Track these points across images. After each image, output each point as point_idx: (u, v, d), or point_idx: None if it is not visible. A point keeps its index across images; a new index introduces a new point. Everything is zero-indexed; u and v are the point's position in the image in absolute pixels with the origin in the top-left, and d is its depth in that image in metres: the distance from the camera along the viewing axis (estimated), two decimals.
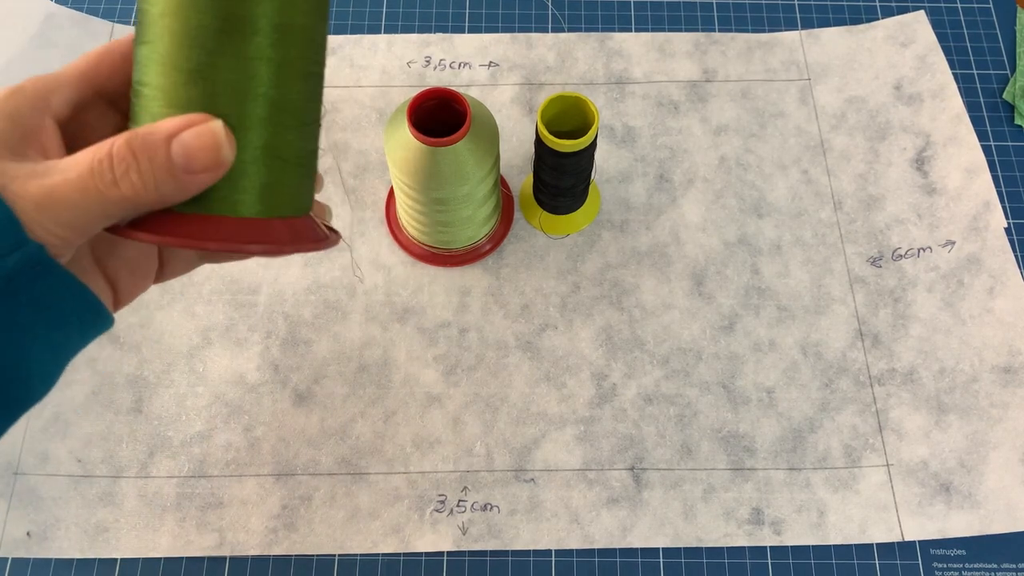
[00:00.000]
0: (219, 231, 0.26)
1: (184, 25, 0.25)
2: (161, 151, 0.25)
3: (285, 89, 0.26)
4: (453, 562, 0.44)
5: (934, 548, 0.44)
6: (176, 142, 0.25)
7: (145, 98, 0.26)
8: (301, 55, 0.27)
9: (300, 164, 0.28)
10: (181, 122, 0.25)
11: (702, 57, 0.56)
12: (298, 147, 0.28)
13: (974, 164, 0.51)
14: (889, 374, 0.47)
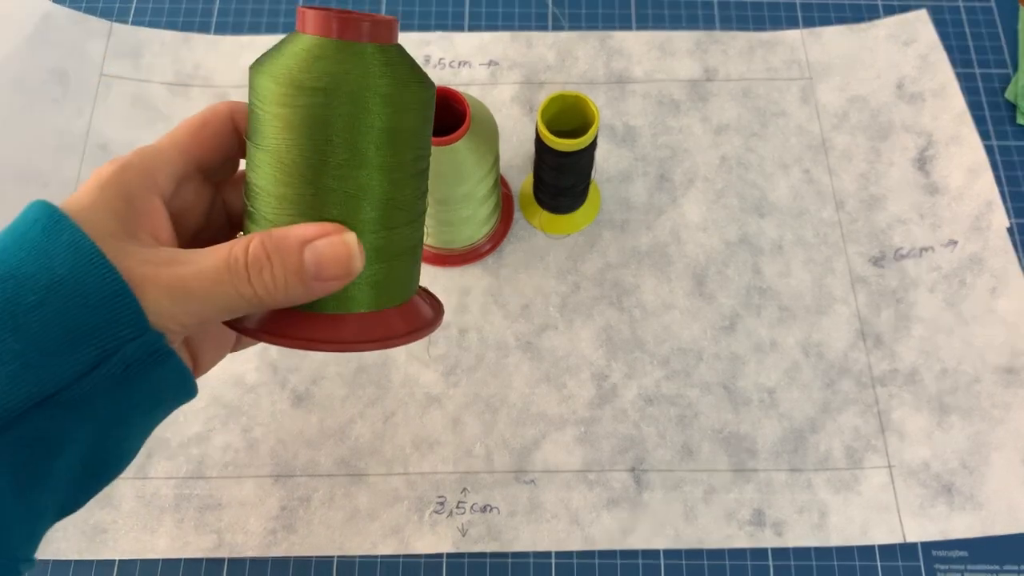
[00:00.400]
0: (333, 331, 0.27)
1: (298, 140, 0.25)
2: (294, 256, 0.25)
3: (397, 190, 0.27)
4: (452, 564, 0.43)
5: (936, 549, 0.44)
6: (309, 249, 0.25)
7: (261, 199, 0.26)
8: (412, 157, 0.27)
9: (409, 255, 0.29)
10: (316, 230, 0.25)
11: (703, 56, 0.56)
12: (408, 241, 0.28)
13: (976, 164, 0.51)
14: (891, 375, 0.47)
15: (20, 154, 0.51)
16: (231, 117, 0.30)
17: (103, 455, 0.26)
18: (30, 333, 0.23)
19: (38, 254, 0.24)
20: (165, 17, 0.58)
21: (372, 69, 0.25)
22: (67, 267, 0.24)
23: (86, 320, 0.24)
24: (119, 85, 0.55)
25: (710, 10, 0.58)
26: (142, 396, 0.26)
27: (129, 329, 0.24)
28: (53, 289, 0.24)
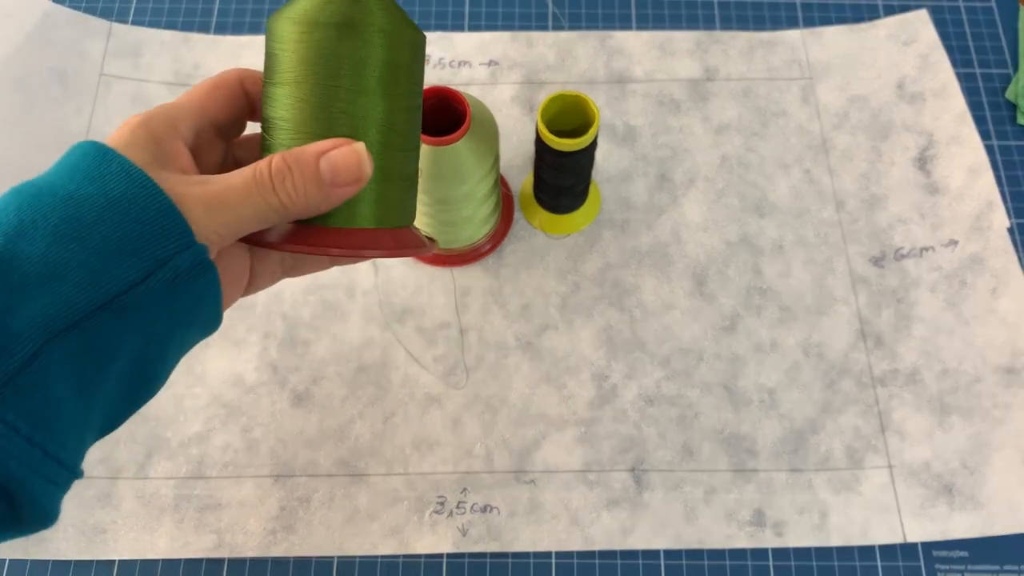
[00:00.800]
0: (341, 239, 0.31)
1: (313, 71, 0.30)
2: (312, 165, 0.29)
3: (394, 118, 0.31)
4: (452, 564, 0.43)
5: (936, 550, 0.44)
6: (324, 159, 0.29)
7: (279, 129, 0.31)
8: (406, 91, 0.32)
9: (406, 182, 0.33)
10: (329, 143, 0.29)
11: (703, 56, 0.56)
12: (405, 168, 0.33)
13: (977, 163, 0.51)
14: (891, 375, 0.47)
15: (20, 153, 0.51)
16: (240, 81, 0.33)
17: (144, 370, 0.28)
18: (92, 245, 0.26)
19: (93, 179, 0.27)
20: (165, 17, 0.58)
21: (374, 10, 0.30)
22: (120, 189, 0.27)
23: (140, 234, 0.26)
24: (119, 84, 0.55)
25: (710, 10, 0.58)
26: (183, 310, 0.28)
27: (178, 241, 0.27)
28: (109, 208, 0.26)
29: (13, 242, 0.25)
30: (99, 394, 0.27)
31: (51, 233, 0.26)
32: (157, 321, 0.27)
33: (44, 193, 0.26)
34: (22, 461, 0.25)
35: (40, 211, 0.26)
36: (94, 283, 0.26)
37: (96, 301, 0.26)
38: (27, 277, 0.25)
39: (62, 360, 0.25)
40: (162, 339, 0.28)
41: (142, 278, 0.26)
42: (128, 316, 0.26)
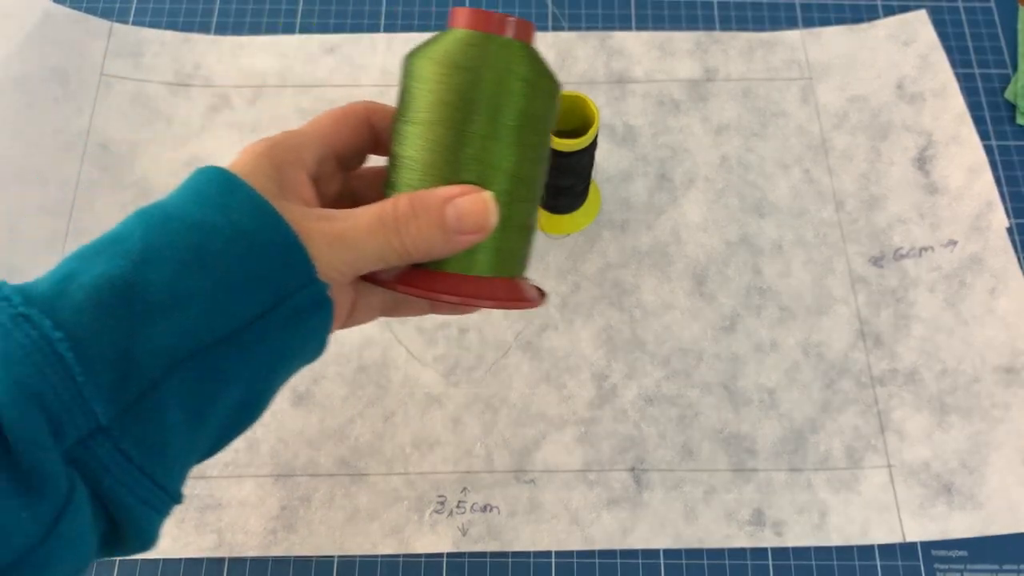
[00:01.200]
0: (455, 286, 0.30)
1: (449, 113, 0.29)
2: (438, 210, 0.28)
3: (523, 169, 0.31)
4: (453, 563, 0.43)
5: (936, 549, 0.44)
6: (451, 205, 0.28)
7: (407, 168, 0.30)
8: (538, 141, 0.31)
9: (525, 232, 0.32)
10: (456, 189, 0.29)
11: (703, 56, 0.56)
12: (526, 219, 0.32)
13: (976, 163, 0.51)
14: (891, 374, 0.47)
15: (20, 153, 0.51)
16: (367, 114, 0.33)
17: (251, 400, 0.28)
18: (216, 276, 0.25)
19: (219, 208, 0.27)
20: (165, 17, 0.58)
21: (515, 57, 0.30)
22: (246, 220, 0.26)
23: (264, 268, 0.26)
24: (119, 85, 0.55)
25: (710, 10, 0.58)
26: (296, 344, 0.28)
27: (300, 277, 0.27)
28: (235, 239, 0.26)
29: (139, 268, 0.25)
30: (207, 424, 0.27)
31: (176, 261, 0.25)
32: (271, 354, 0.27)
33: (171, 219, 0.26)
34: (131, 490, 0.25)
35: (166, 237, 0.26)
36: (217, 315, 0.25)
37: (217, 334, 0.25)
38: (151, 305, 0.24)
39: (178, 390, 0.25)
40: (272, 370, 0.28)
41: (263, 312, 0.26)
42: (245, 350, 0.26)
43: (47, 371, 0.23)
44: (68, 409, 0.23)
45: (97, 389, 0.23)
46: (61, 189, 0.51)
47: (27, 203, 0.50)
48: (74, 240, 0.50)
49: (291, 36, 0.57)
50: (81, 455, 0.23)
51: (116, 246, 0.26)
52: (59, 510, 0.23)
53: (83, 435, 0.23)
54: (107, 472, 0.24)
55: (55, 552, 0.23)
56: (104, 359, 0.24)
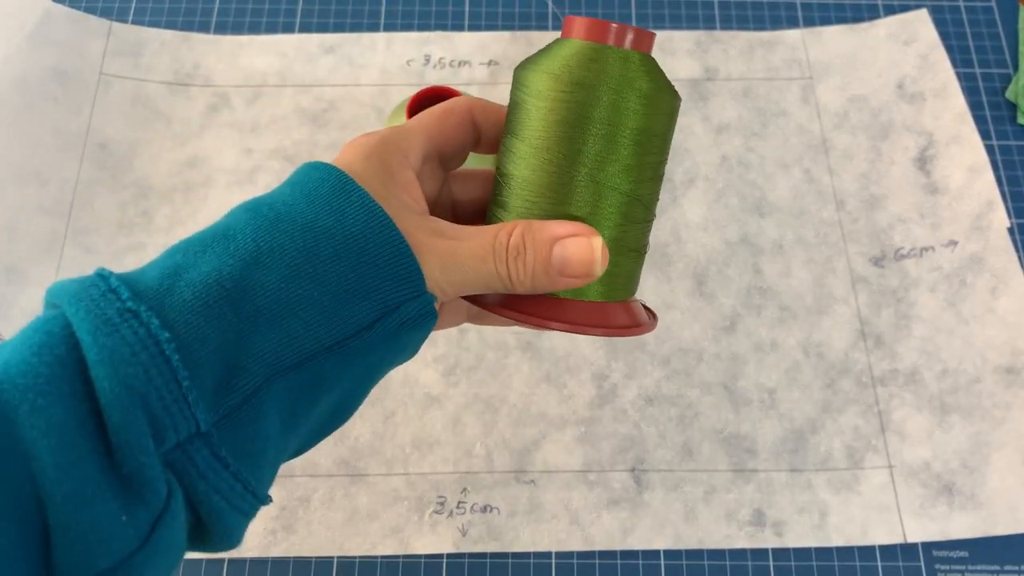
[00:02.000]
0: (562, 313, 0.29)
1: (564, 131, 0.28)
2: (546, 251, 0.28)
3: (639, 188, 0.29)
4: (452, 564, 0.43)
5: (936, 550, 0.44)
6: (559, 246, 0.28)
7: (516, 187, 0.29)
8: (656, 160, 0.30)
9: (638, 254, 0.31)
10: (569, 229, 0.28)
11: (703, 55, 0.56)
12: (640, 240, 0.31)
13: (977, 163, 0.51)
14: (891, 375, 0.47)
15: (19, 153, 0.51)
16: (470, 111, 0.32)
17: (344, 405, 0.28)
18: (326, 284, 0.25)
19: (332, 211, 0.26)
20: (165, 16, 0.58)
21: (634, 71, 0.28)
22: (359, 226, 0.26)
23: (375, 277, 0.26)
24: (119, 84, 0.55)
25: (710, 10, 0.58)
26: (396, 351, 0.28)
27: (409, 289, 0.26)
28: (347, 245, 0.25)
29: (249, 270, 0.24)
30: (301, 429, 0.27)
31: (287, 266, 0.25)
32: (371, 363, 0.27)
33: (282, 219, 0.26)
34: (223, 495, 0.24)
35: (278, 239, 0.25)
36: (325, 325, 0.25)
37: (324, 343, 0.25)
38: (260, 310, 0.24)
39: (279, 397, 0.25)
40: (369, 377, 0.28)
41: (370, 323, 0.26)
42: (349, 358, 0.26)
43: (153, 373, 0.22)
44: (171, 413, 0.22)
45: (201, 394, 0.23)
46: (60, 188, 0.51)
47: (26, 202, 0.50)
48: (73, 240, 0.50)
49: (291, 36, 0.57)
50: (178, 460, 0.23)
51: (225, 243, 0.25)
52: (157, 516, 0.22)
53: (182, 440, 0.23)
54: (202, 478, 0.23)
55: (151, 558, 0.22)
56: (209, 364, 0.23)
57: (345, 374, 0.26)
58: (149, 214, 0.51)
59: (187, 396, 0.22)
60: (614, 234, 0.29)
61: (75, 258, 0.49)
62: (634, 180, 0.29)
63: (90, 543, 0.21)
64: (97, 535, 0.21)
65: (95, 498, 0.21)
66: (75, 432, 0.21)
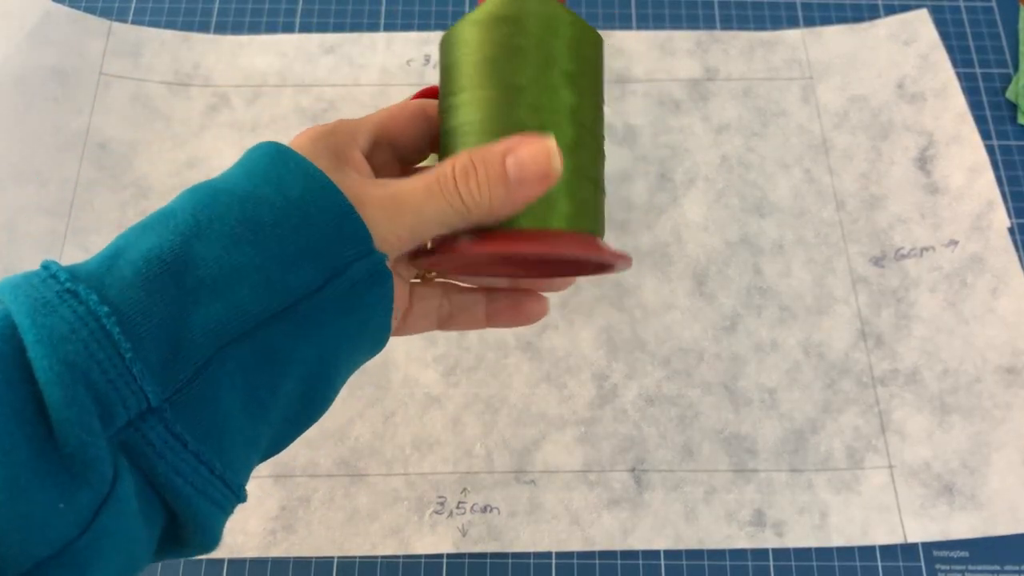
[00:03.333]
0: (536, 240, 0.28)
1: (498, 68, 0.28)
2: (497, 164, 0.27)
3: (583, 114, 0.29)
4: (452, 564, 0.43)
5: (937, 550, 0.44)
6: (511, 156, 0.27)
7: (462, 134, 0.29)
8: (592, 87, 0.30)
9: (596, 187, 0.30)
10: (515, 140, 0.27)
11: (704, 55, 0.56)
12: (594, 171, 0.30)
13: (977, 163, 0.51)
14: (892, 375, 0.47)
15: (19, 153, 0.51)
16: (423, 107, 0.32)
17: (314, 389, 0.27)
18: (269, 250, 0.24)
19: (270, 179, 0.26)
20: (165, 16, 0.58)
21: (554, 6, 0.29)
22: (299, 190, 0.25)
23: (318, 238, 0.25)
24: (118, 84, 0.55)
25: (710, 9, 0.58)
26: (356, 322, 0.27)
27: (356, 248, 0.26)
28: (287, 210, 0.25)
29: (189, 243, 0.24)
30: (268, 412, 0.26)
31: (227, 235, 0.24)
32: (330, 333, 0.26)
33: (221, 192, 0.25)
34: (188, 479, 0.23)
35: (217, 211, 0.25)
36: (270, 290, 0.24)
37: (271, 308, 0.24)
38: (202, 281, 0.24)
39: (233, 372, 0.24)
40: (333, 354, 0.27)
41: (319, 286, 0.25)
42: (302, 327, 0.25)
43: (94, 348, 0.21)
44: (116, 388, 0.21)
45: (147, 367, 0.22)
46: (60, 188, 0.51)
47: (26, 202, 0.50)
48: (73, 240, 0.50)
49: (290, 36, 0.57)
50: (131, 438, 0.22)
51: (166, 221, 0.25)
52: (101, 500, 0.21)
53: (133, 417, 0.22)
54: (160, 458, 0.22)
55: (96, 546, 0.21)
56: (153, 336, 0.22)
57: (301, 345, 0.25)
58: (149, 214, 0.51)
59: (131, 368, 0.22)
60: (572, 163, 0.29)
61: (75, 258, 0.49)
62: (576, 104, 0.29)
63: (26, 530, 0.20)
64: (32, 521, 0.20)
65: (30, 484, 0.20)
66: (9, 418, 0.20)
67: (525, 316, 0.35)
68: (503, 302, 0.35)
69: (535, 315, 0.35)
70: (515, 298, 0.35)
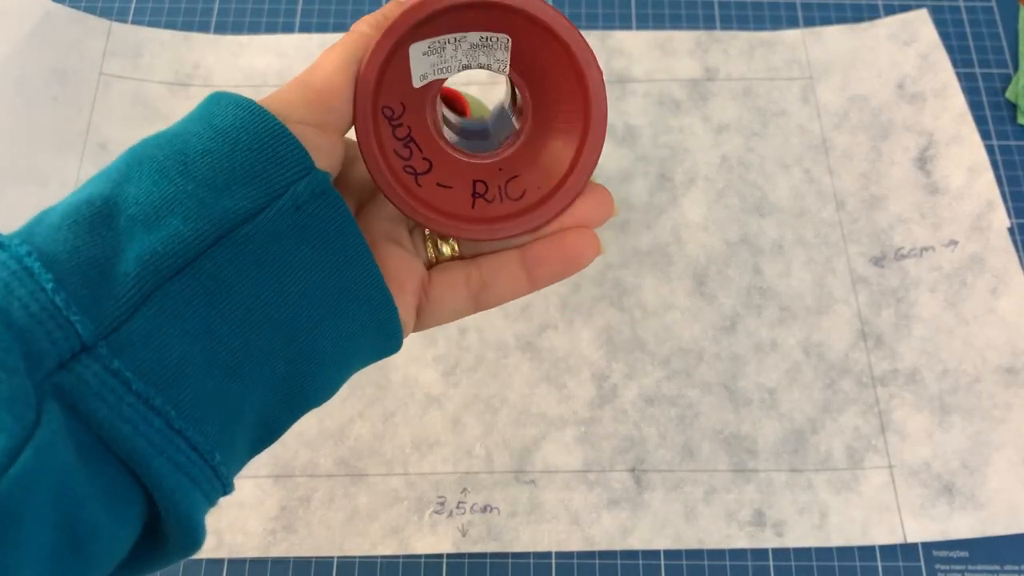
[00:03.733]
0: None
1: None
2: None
3: None
4: (452, 564, 0.43)
5: (937, 550, 0.44)
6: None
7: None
8: None
9: None
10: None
11: (704, 55, 0.56)
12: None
13: (977, 163, 0.51)
14: (892, 375, 0.47)
15: (19, 153, 0.51)
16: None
17: (297, 352, 0.25)
18: (200, 177, 0.23)
19: (202, 117, 0.25)
20: (165, 16, 0.58)
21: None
22: (228, 120, 0.24)
23: (252, 162, 0.24)
24: (118, 84, 0.55)
25: (710, 10, 0.58)
26: (317, 253, 0.25)
27: (295, 169, 0.24)
28: (217, 138, 0.24)
29: (120, 187, 0.23)
30: (239, 367, 0.23)
31: (156, 171, 0.23)
32: (286, 264, 0.24)
33: (151, 139, 0.24)
34: (139, 429, 0.21)
35: (146, 153, 0.24)
36: (204, 215, 0.23)
37: (208, 234, 0.23)
38: (133, 219, 0.22)
39: (180, 309, 0.22)
40: (301, 295, 0.24)
41: (259, 208, 0.24)
42: (248, 251, 0.23)
43: (14, 285, 0.20)
44: (40, 322, 0.20)
45: (74, 300, 0.20)
46: (60, 189, 0.51)
47: (26, 202, 0.50)
48: None
49: (291, 35, 0.57)
50: (66, 381, 0.20)
51: (98, 176, 0.24)
52: (17, 446, 0.18)
53: (66, 358, 0.20)
54: (100, 400, 0.20)
55: (12, 497, 0.18)
56: (83, 272, 0.21)
57: (253, 275, 0.23)
58: None
59: (55, 300, 0.20)
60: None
61: None
62: None
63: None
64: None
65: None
66: None
67: (574, 254, 0.29)
68: (541, 247, 0.29)
69: (584, 251, 0.29)
70: (555, 238, 0.29)
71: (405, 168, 0.28)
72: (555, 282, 0.30)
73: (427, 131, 0.29)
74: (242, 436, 0.25)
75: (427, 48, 0.27)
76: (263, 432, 0.26)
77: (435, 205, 0.28)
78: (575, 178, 0.28)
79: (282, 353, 0.24)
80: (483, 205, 0.29)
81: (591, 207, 0.29)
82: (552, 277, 0.30)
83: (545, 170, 0.29)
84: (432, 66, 0.28)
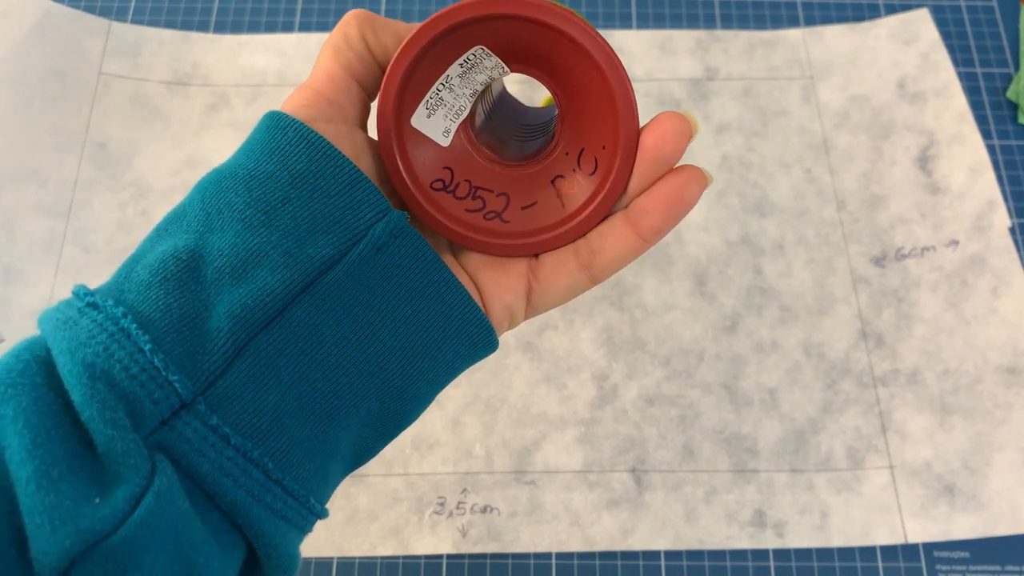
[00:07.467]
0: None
1: None
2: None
3: None
4: (452, 565, 0.43)
5: (937, 550, 0.44)
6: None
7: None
8: None
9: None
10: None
11: (704, 55, 0.56)
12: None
13: (978, 163, 0.51)
14: (892, 375, 0.47)
15: (18, 152, 0.51)
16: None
17: (386, 380, 0.25)
18: (283, 226, 0.24)
19: (270, 153, 0.25)
20: (164, 16, 0.58)
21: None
22: (303, 162, 0.25)
23: (332, 209, 0.24)
24: (118, 83, 0.54)
25: (711, 9, 0.58)
26: (400, 290, 0.25)
27: (372, 212, 0.25)
28: (295, 185, 0.24)
29: (203, 238, 0.23)
30: (334, 411, 0.24)
31: (238, 221, 0.24)
32: (370, 304, 0.24)
33: (226, 178, 0.25)
34: (239, 482, 0.22)
35: (225, 198, 0.24)
36: (290, 265, 0.23)
37: (296, 284, 0.23)
38: (221, 272, 0.23)
39: (273, 360, 0.23)
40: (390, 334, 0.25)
41: (341, 254, 0.24)
42: (334, 298, 0.24)
43: (113, 348, 0.21)
44: (141, 383, 0.21)
45: (171, 359, 0.21)
46: (59, 188, 0.51)
47: (26, 202, 0.50)
48: (72, 240, 0.50)
49: (290, 35, 0.57)
50: (168, 439, 0.21)
51: (178, 222, 0.24)
52: (138, 495, 0.20)
53: (166, 416, 0.21)
54: (201, 455, 0.21)
55: (136, 542, 0.20)
56: (177, 330, 0.22)
57: (341, 320, 0.24)
58: (148, 214, 0.51)
59: (153, 360, 0.21)
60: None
61: (74, 258, 0.49)
62: None
63: (58, 524, 0.19)
64: (64, 515, 0.19)
65: (61, 478, 0.20)
66: (42, 415, 0.20)
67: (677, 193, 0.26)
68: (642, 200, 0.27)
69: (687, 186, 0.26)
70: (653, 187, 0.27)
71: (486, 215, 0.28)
72: (666, 231, 0.27)
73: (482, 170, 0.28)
74: (336, 469, 0.25)
75: (425, 110, 0.27)
76: (356, 460, 0.27)
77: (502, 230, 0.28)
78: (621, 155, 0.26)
79: (377, 393, 0.25)
80: (536, 213, 0.28)
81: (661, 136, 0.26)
82: (661, 225, 0.27)
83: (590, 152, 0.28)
84: (444, 118, 0.28)
